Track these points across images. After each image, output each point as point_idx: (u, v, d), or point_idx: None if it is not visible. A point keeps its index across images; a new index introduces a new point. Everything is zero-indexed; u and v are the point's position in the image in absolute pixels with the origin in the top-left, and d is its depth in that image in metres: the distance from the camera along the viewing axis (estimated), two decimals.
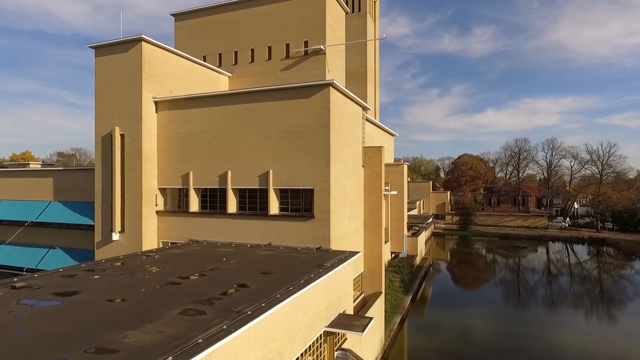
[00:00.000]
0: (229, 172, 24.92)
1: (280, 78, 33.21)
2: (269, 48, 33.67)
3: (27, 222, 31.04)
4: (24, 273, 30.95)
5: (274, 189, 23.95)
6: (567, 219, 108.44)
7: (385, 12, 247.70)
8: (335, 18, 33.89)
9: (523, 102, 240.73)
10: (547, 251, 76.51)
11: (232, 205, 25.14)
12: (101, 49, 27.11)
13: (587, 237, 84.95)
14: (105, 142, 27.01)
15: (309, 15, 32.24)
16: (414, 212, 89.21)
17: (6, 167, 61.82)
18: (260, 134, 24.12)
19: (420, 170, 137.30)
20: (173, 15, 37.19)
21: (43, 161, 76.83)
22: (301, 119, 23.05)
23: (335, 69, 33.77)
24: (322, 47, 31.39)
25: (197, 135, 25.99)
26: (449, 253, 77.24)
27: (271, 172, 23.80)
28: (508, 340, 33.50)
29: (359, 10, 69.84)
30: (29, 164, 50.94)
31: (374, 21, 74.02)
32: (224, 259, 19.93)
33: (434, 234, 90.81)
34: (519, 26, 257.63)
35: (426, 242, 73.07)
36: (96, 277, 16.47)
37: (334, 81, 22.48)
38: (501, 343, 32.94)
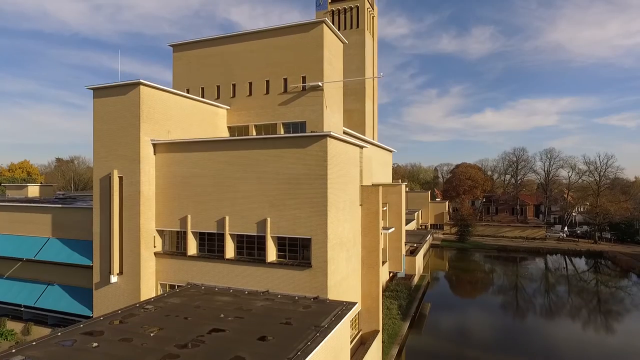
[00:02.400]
0: (227, 218, 25.03)
1: (277, 112, 33.33)
2: (267, 82, 33.76)
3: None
4: (22, 309, 31.13)
5: (271, 236, 24.07)
6: (565, 228, 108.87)
7: (383, 12, 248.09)
8: (333, 52, 33.99)
9: (521, 102, 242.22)
10: (546, 266, 76.66)
11: (230, 251, 25.26)
12: (99, 91, 27.20)
13: (585, 250, 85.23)
14: (104, 184, 27.10)
15: (306, 50, 32.32)
16: (413, 224, 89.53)
17: (4, 185, 61.87)
18: (258, 181, 24.23)
19: (418, 179, 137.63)
20: (171, 46, 37.23)
21: (42, 182, 76.64)
22: (299, 169, 23.17)
23: (333, 103, 33.86)
24: (319, 83, 31.49)
25: (195, 179, 26.09)
26: (447, 268, 77.37)
27: (269, 219, 23.92)
28: None
29: (357, 27, 70.16)
30: (27, 186, 51.12)
31: (372, 36, 74.23)
32: (222, 316, 20.03)
33: (432, 246, 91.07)
34: (517, 27, 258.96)
35: (424, 255, 73.28)
36: (94, 345, 16.56)
37: (332, 132, 22.63)
38: None
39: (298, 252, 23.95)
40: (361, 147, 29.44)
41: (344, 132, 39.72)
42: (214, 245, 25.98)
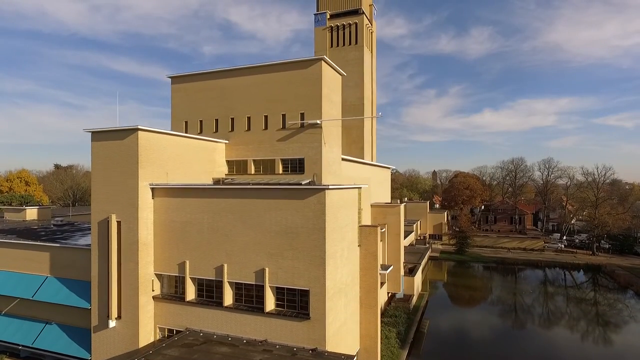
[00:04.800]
0: (225, 266, 25.04)
1: (276, 148, 33.31)
2: (265, 117, 33.74)
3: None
4: (20, 348, 31.07)
5: (270, 286, 24.07)
6: (564, 237, 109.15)
7: (382, 12, 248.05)
8: (332, 87, 33.97)
9: (520, 102, 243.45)
10: (545, 281, 76.57)
11: (228, 298, 25.27)
12: (97, 134, 27.14)
13: (583, 264, 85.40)
14: (102, 227, 27.06)
15: (305, 87, 32.27)
16: (412, 236, 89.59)
17: (2, 205, 61.72)
18: (256, 230, 24.23)
19: (417, 188, 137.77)
20: (170, 77, 37.17)
21: (40, 202, 76.49)
22: (297, 220, 23.18)
23: (331, 138, 33.84)
24: (318, 121, 31.47)
25: (193, 224, 26.08)
26: (445, 281, 77.57)
27: (267, 270, 23.93)
28: None
29: (356, 43, 70.12)
30: (25, 209, 51.06)
31: (371, 52, 74.22)
32: None
33: (430, 258, 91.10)
34: (516, 27, 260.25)
35: (423, 269, 73.23)
36: None
37: (330, 186, 22.63)
38: None
39: (296, 302, 23.95)
40: (360, 187, 29.44)
41: (343, 159, 39.67)
42: (212, 291, 25.97)
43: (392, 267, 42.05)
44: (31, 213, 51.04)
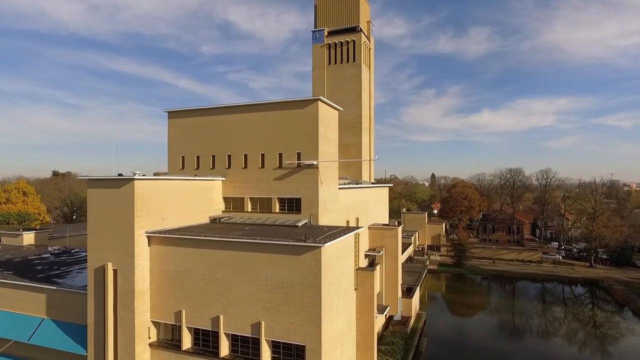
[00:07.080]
0: (221, 317, 25.01)
1: (273, 187, 33.28)
2: (262, 156, 33.70)
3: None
4: None
5: (266, 340, 24.06)
6: (562, 247, 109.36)
7: (381, 12, 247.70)
8: (329, 124, 33.93)
9: (518, 102, 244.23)
10: (543, 299, 76.40)
11: (224, 349, 25.25)
12: (93, 182, 27.10)
13: (581, 278, 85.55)
14: (98, 275, 27.03)
15: (301, 126, 32.23)
16: (410, 248, 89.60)
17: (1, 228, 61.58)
18: (252, 283, 24.22)
19: (415, 198, 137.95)
20: (167, 112, 37.11)
21: (41, 225, 76.37)
22: (292, 275, 23.18)
23: (328, 176, 33.80)
24: (314, 162, 31.45)
25: (189, 274, 26.06)
26: (443, 292, 77.88)
27: (263, 323, 23.91)
28: None
29: (354, 61, 70.07)
30: (22, 234, 50.97)
31: (369, 69, 74.23)
32: None
33: (428, 271, 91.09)
34: (514, 27, 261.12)
35: (421, 283, 73.24)
36: None
37: (325, 244, 22.61)
38: None
39: (292, 355, 23.92)
40: (357, 231, 29.42)
41: (340, 188, 39.61)
42: (208, 341, 25.94)
43: (389, 307, 42.00)
44: (28, 238, 50.94)
